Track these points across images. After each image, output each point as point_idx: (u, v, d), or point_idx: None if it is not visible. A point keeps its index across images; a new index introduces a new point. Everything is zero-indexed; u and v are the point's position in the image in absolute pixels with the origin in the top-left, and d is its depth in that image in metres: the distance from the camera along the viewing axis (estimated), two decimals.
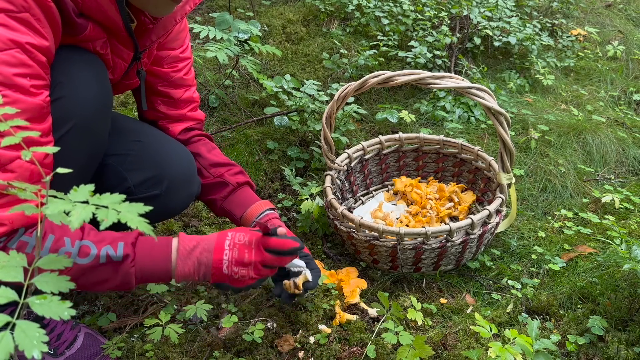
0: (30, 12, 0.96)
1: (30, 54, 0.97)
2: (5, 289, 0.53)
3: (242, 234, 1.19)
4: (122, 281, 1.10)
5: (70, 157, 1.06)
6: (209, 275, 1.16)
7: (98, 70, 1.18)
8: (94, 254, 1.05)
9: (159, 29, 1.30)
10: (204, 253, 1.16)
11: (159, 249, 1.14)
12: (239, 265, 1.16)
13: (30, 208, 0.61)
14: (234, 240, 1.18)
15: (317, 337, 1.39)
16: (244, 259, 1.16)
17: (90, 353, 1.33)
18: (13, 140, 0.66)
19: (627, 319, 1.44)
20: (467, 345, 1.38)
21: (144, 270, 1.12)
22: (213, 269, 1.15)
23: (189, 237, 1.18)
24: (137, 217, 0.56)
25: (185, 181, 1.42)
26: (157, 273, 1.13)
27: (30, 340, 0.50)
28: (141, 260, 1.11)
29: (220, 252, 1.16)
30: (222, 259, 1.15)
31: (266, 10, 3.14)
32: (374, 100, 2.65)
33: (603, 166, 2.28)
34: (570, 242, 1.80)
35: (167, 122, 1.52)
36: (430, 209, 1.89)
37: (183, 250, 1.15)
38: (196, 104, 1.55)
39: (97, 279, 1.08)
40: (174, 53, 1.44)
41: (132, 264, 1.09)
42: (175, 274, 1.15)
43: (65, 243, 1.04)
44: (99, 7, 1.10)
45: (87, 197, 0.56)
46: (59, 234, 1.04)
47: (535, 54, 3.01)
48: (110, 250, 1.07)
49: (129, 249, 1.09)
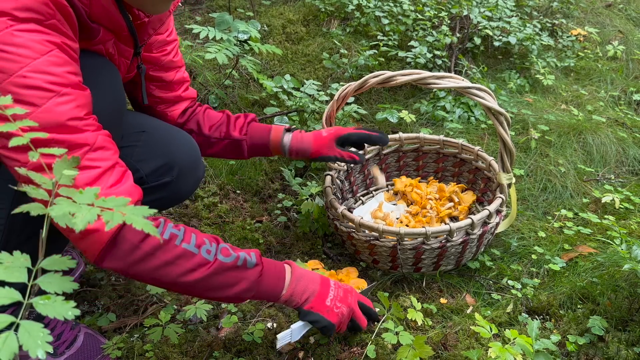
0: (55, 18, 0.98)
1: (68, 52, 1.00)
2: (8, 290, 0.53)
3: (343, 286, 1.31)
4: (242, 290, 1.16)
5: None
6: (311, 300, 1.23)
7: (113, 75, 1.21)
8: (234, 255, 1.14)
9: (155, 22, 1.31)
10: (311, 283, 1.25)
11: (277, 266, 1.23)
12: (342, 302, 1.26)
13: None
14: (338, 284, 1.30)
15: (317, 337, 1.39)
16: (347, 299, 1.28)
17: (90, 353, 1.33)
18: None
19: (627, 319, 1.44)
20: (467, 345, 1.38)
21: (264, 283, 1.19)
22: (317, 297, 1.24)
23: (298, 268, 1.27)
24: (142, 219, 0.56)
25: (192, 167, 1.44)
26: (271, 290, 1.20)
27: (34, 340, 0.50)
28: (267, 271, 1.19)
29: (327, 286, 1.27)
30: (329, 293, 1.26)
31: (266, 10, 3.14)
32: (374, 100, 2.65)
33: (603, 166, 2.28)
34: (570, 242, 1.80)
35: (164, 106, 1.53)
36: (430, 209, 1.89)
37: (295, 275, 1.24)
38: (187, 82, 1.58)
39: (226, 279, 1.13)
40: (161, 37, 1.45)
41: (261, 272, 1.17)
42: (284, 294, 1.22)
43: (205, 242, 1.11)
44: (106, 12, 1.12)
45: (92, 199, 0.57)
46: (199, 235, 1.12)
47: (535, 54, 3.01)
48: (247, 257, 1.16)
49: (259, 259, 1.19)
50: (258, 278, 1.17)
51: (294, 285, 1.22)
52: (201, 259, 1.08)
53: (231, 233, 1.84)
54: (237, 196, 2.06)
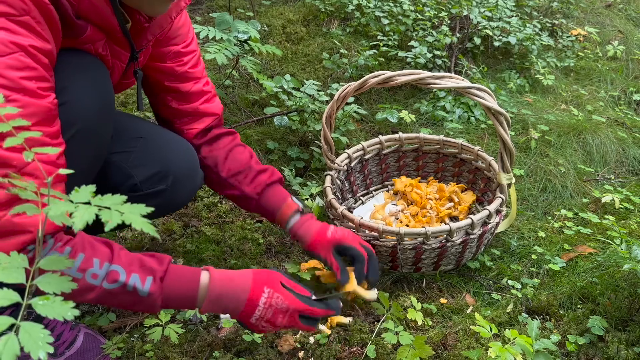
0: (30, 14, 0.95)
1: (34, 56, 0.96)
2: (7, 291, 0.53)
3: (281, 299, 1.13)
4: (146, 309, 1.09)
5: (75, 161, 1.06)
6: (236, 316, 1.14)
7: (100, 74, 1.18)
8: (122, 282, 1.03)
9: (155, 28, 1.28)
10: (232, 302, 1.12)
11: (185, 285, 1.10)
12: (268, 324, 1.14)
13: (32, 209, 0.61)
14: (270, 301, 1.12)
15: (317, 337, 1.39)
16: (276, 321, 1.14)
17: (90, 353, 1.33)
18: (16, 142, 0.66)
19: (627, 319, 1.44)
20: (467, 345, 1.38)
21: (169, 304, 1.10)
22: (243, 314, 1.13)
23: (220, 278, 1.13)
24: (140, 218, 0.56)
25: (189, 175, 1.43)
26: (182, 305, 1.13)
27: (35, 342, 0.50)
28: (167, 295, 1.08)
29: (253, 306, 1.12)
30: (254, 313, 1.12)
31: (266, 10, 3.14)
32: (374, 100, 2.65)
33: (603, 166, 2.28)
34: (570, 242, 1.80)
35: (181, 122, 1.49)
36: (430, 209, 1.89)
37: (213, 294, 1.11)
38: (207, 95, 1.51)
39: (122, 302, 1.06)
40: (175, 49, 1.43)
41: (159, 299, 1.07)
42: (201, 310, 1.13)
43: (93, 264, 1.01)
44: (94, 9, 1.09)
45: (89, 198, 0.56)
46: (89, 254, 1.02)
47: (535, 54, 3.01)
48: (138, 283, 1.04)
49: (156, 286, 1.06)
50: (155, 303, 1.07)
51: (208, 307, 1.12)
52: (85, 283, 1.00)
53: (231, 233, 1.84)
54: None
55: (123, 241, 1.79)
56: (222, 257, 1.72)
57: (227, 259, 1.71)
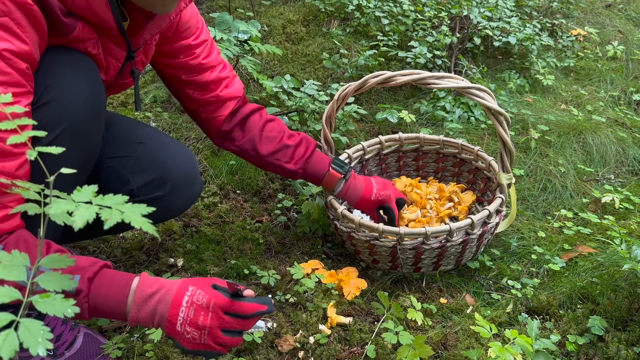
0: (10, 16, 0.93)
1: (8, 60, 0.94)
2: (8, 289, 0.53)
3: (202, 294, 1.05)
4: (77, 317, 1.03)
5: (62, 162, 1.04)
6: (164, 328, 1.05)
7: (89, 71, 1.15)
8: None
9: (152, 27, 1.26)
10: (161, 303, 1.04)
11: (116, 289, 1.04)
12: (192, 327, 1.04)
13: (34, 207, 0.61)
14: (192, 299, 1.05)
15: (317, 337, 1.39)
16: (198, 321, 1.03)
17: (90, 353, 1.32)
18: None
19: (627, 319, 1.44)
20: (467, 345, 1.38)
21: (98, 308, 1.03)
22: (168, 322, 1.04)
23: (150, 281, 1.06)
24: (140, 217, 0.56)
25: (187, 183, 1.42)
26: (112, 313, 1.05)
27: (34, 338, 0.50)
28: (95, 298, 1.02)
29: (177, 307, 1.04)
30: (178, 315, 1.03)
31: (266, 10, 3.15)
32: (374, 100, 2.65)
33: (603, 166, 2.28)
34: (570, 242, 1.80)
35: (205, 111, 1.52)
36: (430, 209, 1.89)
37: (140, 297, 1.04)
38: (226, 80, 1.53)
39: None
40: (186, 42, 1.43)
41: (86, 300, 1.01)
42: (129, 318, 1.04)
43: None
44: (88, 6, 1.07)
45: (90, 197, 0.57)
46: (23, 249, 0.95)
47: (535, 54, 3.01)
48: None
49: (84, 284, 1.00)
50: (82, 305, 1.01)
51: (137, 309, 1.03)
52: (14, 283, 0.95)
53: (231, 233, 1.84)
54: (237, 196, 2.06)
55: (123, 241, 1.80)
56: (222, 257, 1.72)
57: (227, 259, 1.71)
